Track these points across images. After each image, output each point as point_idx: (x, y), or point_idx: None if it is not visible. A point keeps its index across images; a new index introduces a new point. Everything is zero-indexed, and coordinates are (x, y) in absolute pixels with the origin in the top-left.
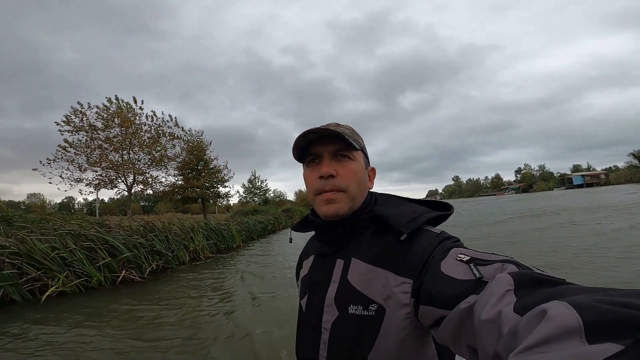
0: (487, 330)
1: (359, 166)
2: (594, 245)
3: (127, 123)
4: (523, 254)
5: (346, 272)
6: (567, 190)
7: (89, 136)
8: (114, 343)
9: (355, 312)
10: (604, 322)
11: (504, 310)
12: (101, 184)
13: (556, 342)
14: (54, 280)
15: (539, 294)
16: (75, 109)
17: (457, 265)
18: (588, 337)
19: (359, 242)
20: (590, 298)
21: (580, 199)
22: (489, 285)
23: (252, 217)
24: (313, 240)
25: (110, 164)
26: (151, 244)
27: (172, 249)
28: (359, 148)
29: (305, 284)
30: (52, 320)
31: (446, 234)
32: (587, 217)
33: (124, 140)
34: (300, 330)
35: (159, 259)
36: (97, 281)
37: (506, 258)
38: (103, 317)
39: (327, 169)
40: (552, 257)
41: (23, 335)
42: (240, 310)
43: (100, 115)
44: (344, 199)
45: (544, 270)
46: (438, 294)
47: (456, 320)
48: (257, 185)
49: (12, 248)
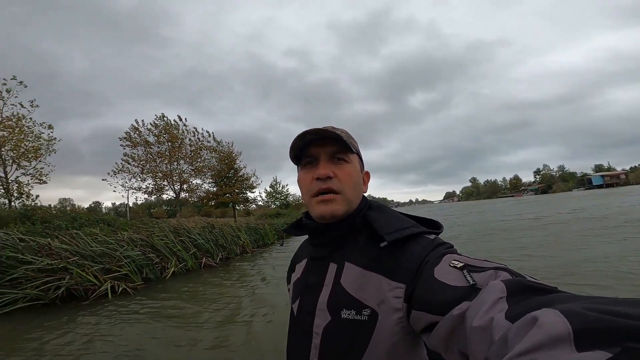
0: (479, 337)
1: (355, 169)
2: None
3: (174, 139)
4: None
5: (339, 276)
6: (587, 190)
7: (144, 150)
8: (218, 297)
9: (347, 317)
10: (593, 330)
11: (495, 317)
12: (154, 191)
13: (546, 349)
14: (169, 263)
15: (530, 301)
16: (134, 126)
17: (451, 272)
18: (577, 344)
19: (353, 246)
20: (580, 306)
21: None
22: (481, 292)
23: (277, 219)
24: (306, 243)
25: (161, 174)
26: (216, 238)
27: (229, 243)
28: (355, 151)
29: (298, 287)
30: (177, 289)
31: (440, 240)
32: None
33: (172, 154)
34: (292, 334)
35: (222, 251)
36: (191, 266)
37: (499, 265)
38: (206, 288)
39: (325, 170)
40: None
41: (178, 297)
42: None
43: (152, 131)
44: (341, 200)
45: (536, 278)
46: (431, 300)
47: (448, 327)
48: (278, 190)
49: (144, 241)
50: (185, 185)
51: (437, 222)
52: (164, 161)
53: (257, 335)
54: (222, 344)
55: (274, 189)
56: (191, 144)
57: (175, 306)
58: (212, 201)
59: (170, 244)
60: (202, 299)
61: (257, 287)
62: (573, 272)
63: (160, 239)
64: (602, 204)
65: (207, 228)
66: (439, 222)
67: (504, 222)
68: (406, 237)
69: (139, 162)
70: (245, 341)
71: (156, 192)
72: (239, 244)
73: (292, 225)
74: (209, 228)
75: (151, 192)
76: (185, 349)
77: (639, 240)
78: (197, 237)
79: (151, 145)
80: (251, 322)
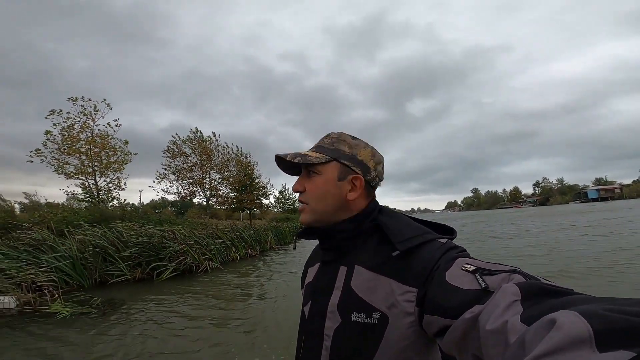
0: (493, 341)
1: (324, 180)
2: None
3: (207, 152)
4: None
5: (349, 279)
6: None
7: (181, 160)
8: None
9: (358, 320)
10: (614, 330)
11: (510, 321)
12: (187, 195)
13: (566, 352)
14: (230, 251)
15: (546, 304)
16: (173, 140)
17: (463, 275)
18: (599, 345)
19: (363, 249)
20: (600, 307)
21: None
22: (494, 295)
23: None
24: (318, 248)
25: (193, 180)
26: (255, 235)
27: (262, 240)
28: (328, 160)
29: (309, 290)
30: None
31: (452, 244)
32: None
33: (204, 165)
34: (302, 337)
35: (258, 245)
36: (241, 254)
37: (512, 268)
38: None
39: (296, 186)
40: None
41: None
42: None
43: (187, 144)
44: (308, 211)
45: (551, 281)
46: (443, 304)
47: (460, 330)
48: (286, 196)
49: (215, 235)
50: (215, 192)
51: (450, 228)
52: (198, 170)
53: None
54: (271, 288)
55: (283, 196)
56: (221, 156)
57: (246, 273)
58: (233, 205)
59: (231, 238)
60: (259, 272)
61: (288, 268)
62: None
63: (224, 234)
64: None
65: (247, 227)
66: (453, 228)
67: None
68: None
69: (175, 170)
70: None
71: (188, 196)
72: (268, 241)
73: (304, 230)
74: (247, 228)
75: (184, 196)
76: (257, 289)
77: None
78: (244, 233)
79: (187, 156)
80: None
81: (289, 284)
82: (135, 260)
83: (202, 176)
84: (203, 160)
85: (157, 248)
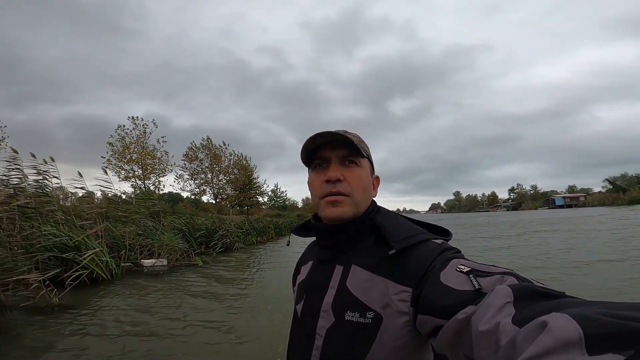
0: (485, 342)
1: (364, 173)
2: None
3: (217, 158)
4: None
5: (345, 279)
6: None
7: (196, 164)
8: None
9: (351, 319)
10: (604, 334)
11: (502, 322)
12: (198, 193)
13: (556, 354)
14: (249, 237)
15: (538, 306)
16: (190, 147)
17: (457, 276)
18: (589, 348)
19: (360, 249)
20: (591, 310)
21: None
22: (487, 296)
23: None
24: (312, 246)
25: (203, 181)
26: (262, 226)
27: (267, 230)
28: (365, 156)
29: (303, 288)
30: (258, 249)
31: (447, 245)
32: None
33: (213, 169)
34: (294, 335)
35: (264, 235)
36: (253, 241)
37: (506, 270)
38: (268, 253)
39: (335, 173)
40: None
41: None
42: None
43: (201, 150)
44: (349, 203)
45: (543, 283)
46: (436, 304)
47: (453, 330)
48: (278, 194)
49: (236, 224)
50: (222, 191)
51: (446, 230)
52: (208, 173)
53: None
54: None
55: (275, 194)
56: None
57: (265, 249)
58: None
59: (247, 227)
60: (271, 252)
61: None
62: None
63: (245, 225)
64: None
65: (257, 220)
66: (448, 229)
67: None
68: (414, 244)
69: (190, 171)
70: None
71: (199, 194)
72: (270, 232)
73: (300, 226)
74: (257, 221)
75: (196, 194)
76: (275, 257)
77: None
78: (257, 224)
79: (201, 161)
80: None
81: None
82: (200, 240)
83: (212, 178)
84: (213, 164)
85: (210, 232)
